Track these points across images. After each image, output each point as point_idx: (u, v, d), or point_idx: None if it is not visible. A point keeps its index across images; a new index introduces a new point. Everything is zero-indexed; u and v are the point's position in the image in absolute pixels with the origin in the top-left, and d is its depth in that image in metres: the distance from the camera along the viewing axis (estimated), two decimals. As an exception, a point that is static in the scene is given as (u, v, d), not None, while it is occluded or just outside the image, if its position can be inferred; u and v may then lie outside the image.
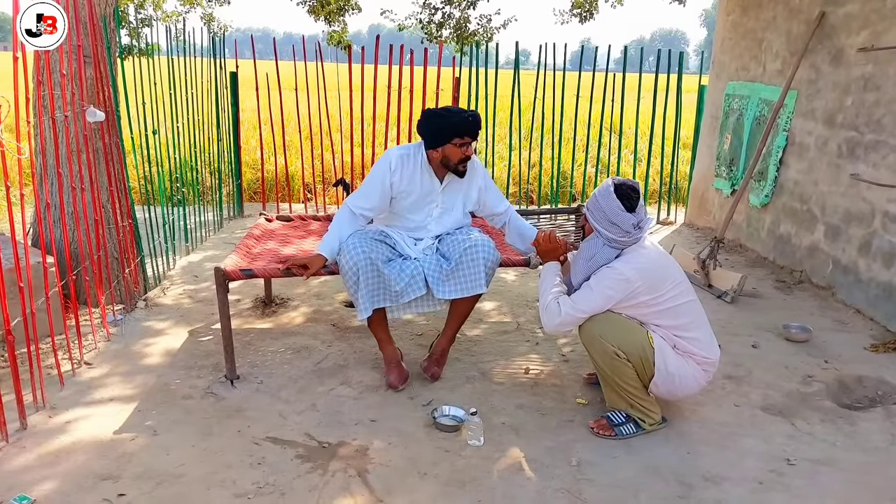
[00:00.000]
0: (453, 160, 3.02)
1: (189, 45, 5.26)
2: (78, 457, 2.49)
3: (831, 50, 4.46)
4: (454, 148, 2.98)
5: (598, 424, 2.74)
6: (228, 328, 3.07)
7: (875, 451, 2.65)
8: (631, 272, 2.55)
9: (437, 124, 2.99)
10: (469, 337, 3.66)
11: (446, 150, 3.00)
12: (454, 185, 3.15)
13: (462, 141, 2.97)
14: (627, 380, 2.64)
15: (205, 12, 10.65)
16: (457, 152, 2.99)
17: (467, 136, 2.97)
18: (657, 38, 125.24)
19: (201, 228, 5.60)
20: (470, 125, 2.97)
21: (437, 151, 3.02)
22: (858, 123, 4.17)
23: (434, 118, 3.01)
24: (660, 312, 2.60)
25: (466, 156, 3.02)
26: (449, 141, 2.97)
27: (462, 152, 3.00)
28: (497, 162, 7.45)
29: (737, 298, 4.29)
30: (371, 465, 2.49)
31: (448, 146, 2.98)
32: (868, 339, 3.71)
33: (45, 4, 2.59)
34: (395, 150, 3.11)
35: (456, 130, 2.95)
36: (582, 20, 9.37)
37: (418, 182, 3.09)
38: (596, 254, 2.61)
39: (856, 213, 4.17)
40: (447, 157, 3.01)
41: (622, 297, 2.57)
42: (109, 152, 3.75)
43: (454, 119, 2.96)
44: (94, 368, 3.21)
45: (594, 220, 2.62)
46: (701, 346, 2.65)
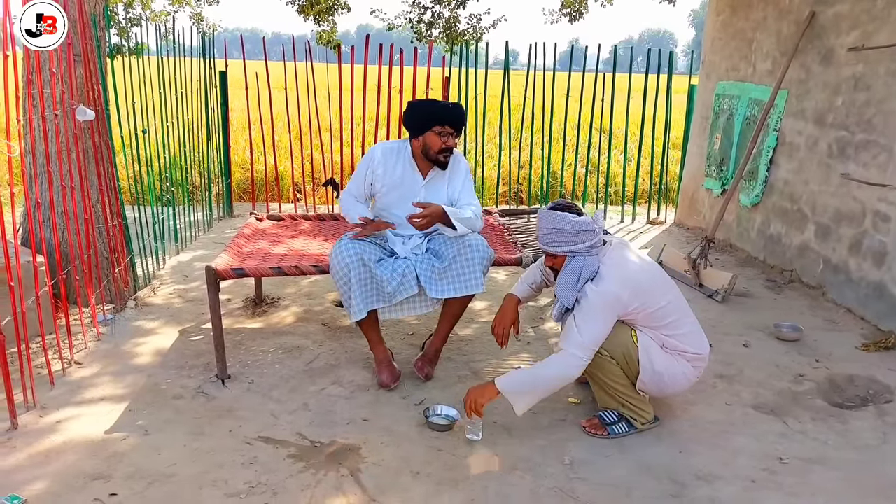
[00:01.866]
0: (433, 149, 3.03)
1: (178, 45, 5.23)
2: (69, 456, 2.47)
3: (821, 50, 4.49)
4: (434, 136, 3.01)
5: (591, 424, 2.74)
6: (219, 328, 3.05)
7: (866, 450, 2.67)
8: (616, 288, 2.50)
9: (418, 111, 3.06)
10: (461, 336, 3.66)
11: (427, 139, 3.02)
12: (437, 180, 3.15)
13: (442, 129, 3.00)
14: (615, 378, 2.64)
15: (193, 12, 10.61)
16: (436, 141, 3.01)
17: (448, 125, 3.00)
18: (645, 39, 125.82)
19: (191, 228, 5.57)
20: (450, 112, 3.01)
21: (418, 140, 3.06)
22: (849, 123, 4.20)
23: (416, 107, 3.09)
24: (648, 316, 2.58)
25: (447, 145, 3.03)
26: (429, 128, 3.00)
27: (442, 141, 3.01)
28: (487, 162, 7.45)
29: (727, 298, 4.31)
30: (363, 464, 2.49)
31: (429, 134, 3.01)
32: (859, 339, 3.74)
33: (45, 4, 2.58)
34: (380, 145, 3.20)
35: (436, 117, 2.99)
36: (572, 20, 9.39)
37: (400, 176, 3.12)
38: (581, 270, 2.54)
39: (846, 212, 4.19)
40: (427, 145, 3.03)
41: (619, 313, 2.56)
42: (99, 151, 3.72)
43: (435, 106, 3.05)
44: (85, 368, 3.18)
45: (561, 247, 2.56)
46: (690, 342, 2.65)
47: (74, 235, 3.41)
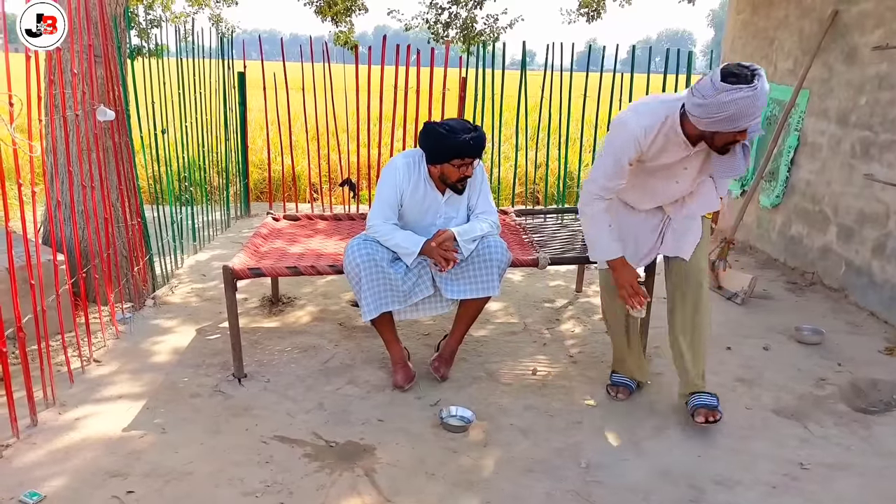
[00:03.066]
0: (451, 179, 2.94)
1: (197, 46, 5.27)
2: (87, 453, 2.49)
3: (844, 48, 4.42)
4: (452, 168, 2.89)
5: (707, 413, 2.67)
6: (236, 327, 3.06)
7: (890, 456, 2.62)
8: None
9: (436, 143, 2.87)
10: (476, 337, 3.64)
11: (444, 169, 2.91)
12: (455, 197, 3.07)
13: (462, 162, 2.87)
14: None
15: (213, 13, 10.68)
16: (455, 173, 2.90)
17: (468, 157, 2.87)
18: (664, 38, 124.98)
19: (209, 228, 5.61)
20: (471, 148, 2.83)
21: (435, 167, 2.94)
22: (873, 123, 4.13)
23: (434, 136, 2.87)
24: None
25: (465, 175, 2.93)
26: (448, 161, 2.87)
27: (461, 173, 2.90)
28: (503, 162, 7.42)
29: (747, 300, 4.26)
30: (378, 464, 2.48)
31: (446, 165, 2.89)
32: (882, 342, 3.67)
33: (45, 4, 2.60)
34: (401, 158, 3.02)
35: (455, 152, 2.84)
36: (589, 20, 9.34)
37: (422, 192, 3.01)
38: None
39: (870, 213, 4.13)
40: (445, 175, 2.93)
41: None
42: (119, 151, 3.76)
43: (454, 141, 2.81)
44: (104, 366, 3.21)
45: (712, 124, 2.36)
46: None
47: (94, 234, 3.44)
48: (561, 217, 4.65)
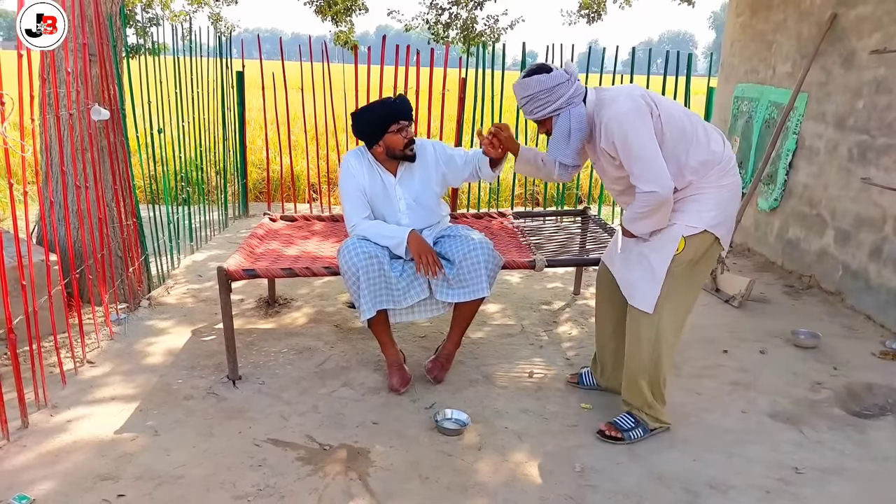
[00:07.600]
0: (398, 147, 2.98)
1: (196, 45, 5.25)
2: (78, 456, 2.47)
3: (843, 52, 4.41)
4: (393, 136, 2.95)
5: (608, 427, 2.70)
6: (231, 328, 3.05)
7: (885, 461, 2.61)
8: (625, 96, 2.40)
9: (367, 120, 2.98)
10: (472, 340, 3.63)
11: (387, 141, 2.97)
12: (408, 174, 3.08)
13: (398, 126, 2.94)
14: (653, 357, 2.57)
15: (212, 12, 10.66)
16: (398, 139, 2.96)
17: (401, 120, 2.95)
18: (665, 40, 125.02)
19: (206, 228, 5.60)
20: (399, 107, 2.96)
21: (379, 146, 3.00)
22: (870, 127, 4.12)
23: (363, 116, 3.00)
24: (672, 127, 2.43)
25: (409, 139, 2.99)
26: (386, 131, 2.94)
27: (403, 137, 2.97)
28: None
29: (744, 303, 4.25)
30: (372, 468, 2.47)
31: (387, 136, 2.96)
32: (878, 346, 3.66)
33: (45, 4, 2.58)
34: (349, 156, 3.09)
35: (387, 118, 2.93)
36: (590, 21, 9.34)
37: (379, 180, 3.06)
38: (569, 123, 2.47)
39: (866, 217, 4.12)
40: (390, 147, 2.98)
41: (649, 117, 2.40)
42: (114, 151, 3.74)
43: (381, 109, 2.97)
44: (97, 367, 3.19)
45: (544, 109, 2.49)
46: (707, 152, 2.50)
47: (88, 235, 3.43)
48: (560, 219, 4.64)
